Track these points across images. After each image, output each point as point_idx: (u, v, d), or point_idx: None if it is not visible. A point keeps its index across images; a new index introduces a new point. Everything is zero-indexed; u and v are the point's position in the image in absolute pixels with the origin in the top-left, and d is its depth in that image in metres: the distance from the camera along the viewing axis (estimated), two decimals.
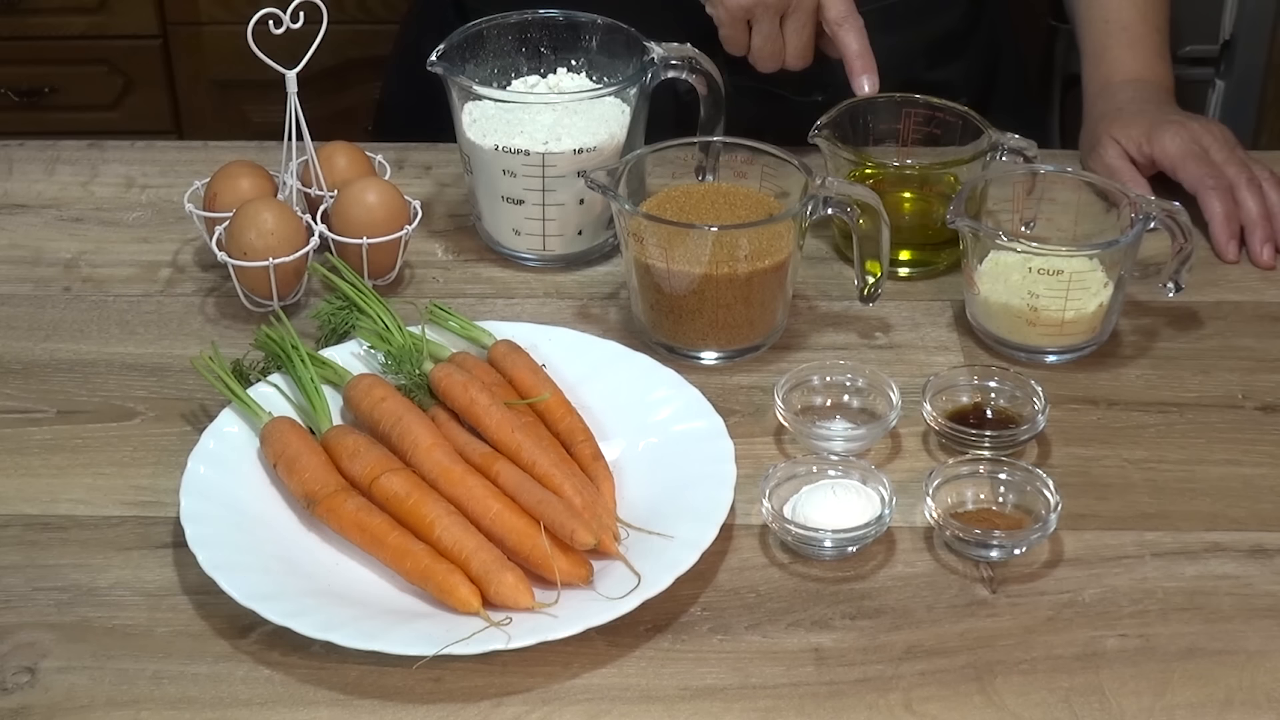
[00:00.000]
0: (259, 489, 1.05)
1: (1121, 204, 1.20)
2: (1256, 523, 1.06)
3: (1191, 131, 1.35)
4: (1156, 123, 1.35)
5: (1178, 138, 1.34)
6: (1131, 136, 1.36)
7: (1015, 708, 0.92)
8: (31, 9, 2.42)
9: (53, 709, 0.92)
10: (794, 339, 1.22)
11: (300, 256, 1.21)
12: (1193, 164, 1.33)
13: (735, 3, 1.30)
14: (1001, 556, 1.02)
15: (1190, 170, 1.32)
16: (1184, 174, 1.33)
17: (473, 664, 0.94)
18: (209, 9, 2.42)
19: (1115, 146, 1.36)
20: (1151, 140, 1.34)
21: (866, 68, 1.30)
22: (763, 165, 1.22)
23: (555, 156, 1.24)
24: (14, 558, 1.02)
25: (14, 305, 1.26)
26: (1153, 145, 1.34)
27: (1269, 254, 1.30)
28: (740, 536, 1.04)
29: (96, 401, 1.16)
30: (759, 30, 1.31)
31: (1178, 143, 1.33)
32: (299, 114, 1.26)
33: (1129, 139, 1.36)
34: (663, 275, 1.16)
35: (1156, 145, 1.34)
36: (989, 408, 1.13)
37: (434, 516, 0.99)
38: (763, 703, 0.93)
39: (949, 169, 1.27)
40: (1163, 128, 1.35)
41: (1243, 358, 1.21)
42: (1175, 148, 1.33)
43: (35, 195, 1.40)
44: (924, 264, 1.29)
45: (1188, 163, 1.33)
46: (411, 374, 1.10)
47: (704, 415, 1.09)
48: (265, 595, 0.95)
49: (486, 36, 1.31)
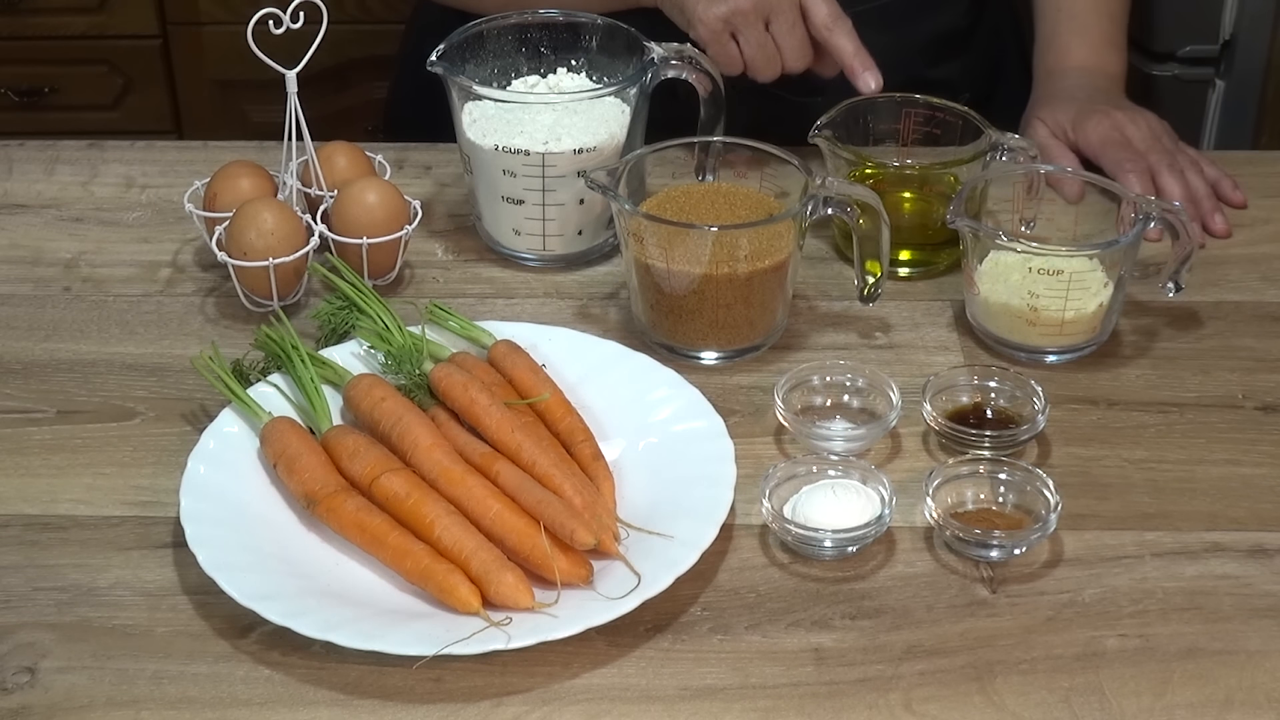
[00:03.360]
0: (259, 489, 1.05)
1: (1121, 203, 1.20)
2: (1256, 523, 1.06)
3: (1115, 120, 1.37)
4: (1083, 110, 1.38)
5: (1100, 126, 1.36)
6: (1058, 121, 1.38)
7: (1015, 708, 0.92)
8: (31, 9, 2.42)
9: (53, 709, 0.92)
10: (794, 339, 1.22)
11: (300, 256, 1.21)
12: (1112, 149, 1.35)
13: (711, 16, 1.28)
14: (1001, 556, 1.02)
15: (1109, 155, 1.34)
16: (1104, 160, 1.35)
17: (473, 664, 0.94)
18: (209, 9, 2.42)
19: (1043, 127, 1.39)
20: (1075, 127, 1.37)
21: (866, 65, 1.30)
22: (763, 165, 1.22)
23: (555, 156, 1.24)
24: (14, 558, 1.02)
25: (14, 305, 1.26)
26: (1076, 132, 1.37)
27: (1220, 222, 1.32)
28: (740, 536, 1.04)
29: (96, 401, 1.16)
30: (746, 40, 1.29)
31: (1100, 130, 1.36)
32: (299, 114, 1.26)
33: (1055, 123, 1.39)
34: (663, 275, 1.16)
35: (1079, 132, 1.37)
36: (989, 408, 1.13)
37: (434, 516, 0.99)
38: (763, 703, 0.93)
39: (949, 169, 1.27)
40: (1088, 115, 1.37)
41: (1243, 358, 1.21)
42: (1096, 135, 1.36)
43: (35, 195, 1.40)
44: (924, 264, 1.29)
45: (1107, 149, 1.35)
46: (411, 374, 1.10)
47: (704, 415, 1.09)
48: (265, 595, 0.95)
49: (486, 36, 1.31)
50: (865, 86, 1.30)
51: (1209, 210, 1.32)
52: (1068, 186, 1.28)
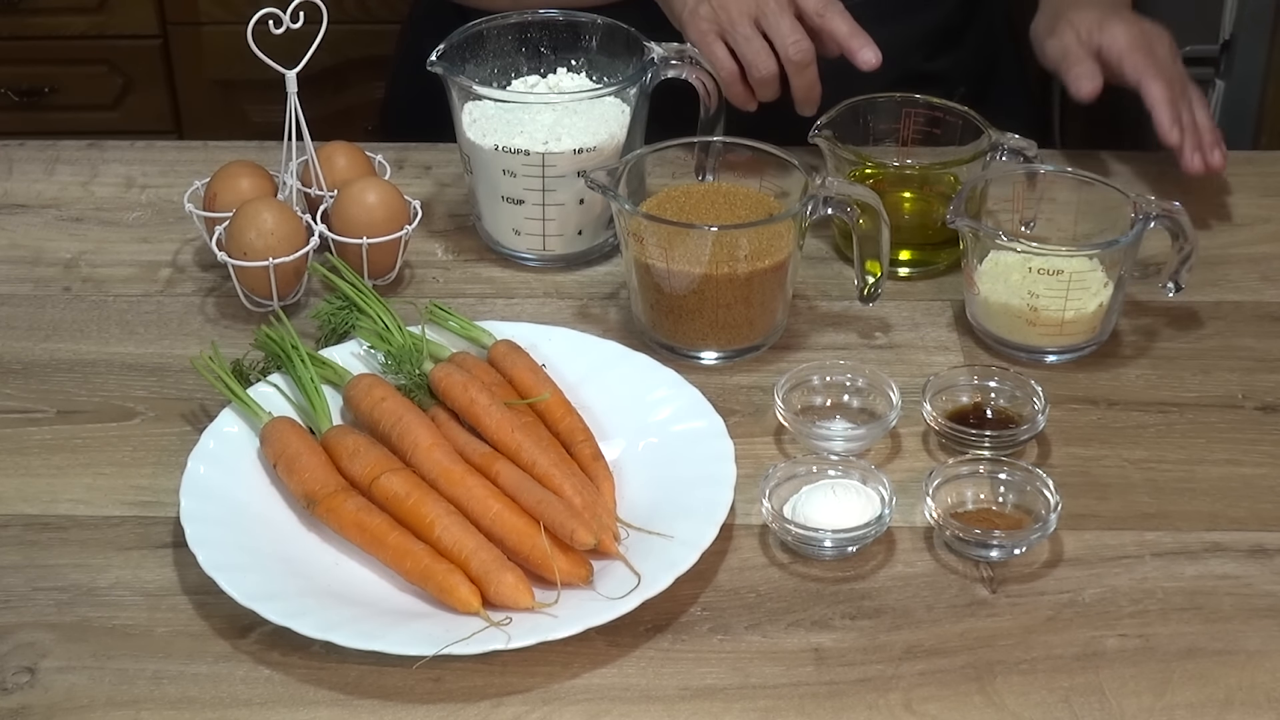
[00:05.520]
0: (259, 489, 1.05)
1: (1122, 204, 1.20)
2: (1256, 523, 1.06)
3: (1142, 28, 1.37)
4: (1108, 14, 1.38)
5: (1128, 32, 1.36)
6: (1084, 21, 1.38)
7: (1015, 708, 0.92)
8: (31, 9, 2.42)
9: (53, 709, 0.92)
10: (794, 339, 1.22)
11: (300, 256, 1.21)
12: (1139, 55, 1.35)
13: (697, 17, 1.29)
14: (1001, 556, 1.02)
15: (1136, 59, 1.34)
16: (1128, 64, 1.35)
17: (473, 664, 0.94)
18: (209, 9, 2.42)
19: (1070, 30, 1.38)
20: (1102, 28, 1.37)
21: (863, 42, 1.29)
22: (763, 165, 1.22)
23: (555, 156, 1.24)
24: (14, 558, 1.02)
25: (14, 305, 1.26)
26: (1102, 33, 1.36)
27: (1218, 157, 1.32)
28: (740, 536, 1.04)
29: (96, 401, 1.16)
30: (737, 39, 1.29)
31: (1128, 35, 1.36)
32: (299, 114, 1.26)
33: (1081, 22, 1.38)
34: (663, 275, 1.16)
35: (1106, 33, 1.36)
36: (989, 408, 1.13)
37: (434, 516, 0.99)
38: (763, 703, 0.93)
39: (949, 169, 1.27)
40: (1114, 19, 1.37)
41: (1243, 358, 1.21)
42: (1124, 39, 1.35)
43: (35, 195, 1.40)
44: (924, 264, 1.29)
45: (1134, 54, 1.35)
46: (411, 374, 1.10)
47: (704, 415, 1.09)
48: (265, 595, 0.95)
49: (486, 36, 1.31)
50: (865, 62, 1.29)
51: (1209, 144, 1.33)
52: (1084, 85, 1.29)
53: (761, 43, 1.30)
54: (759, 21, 1.29)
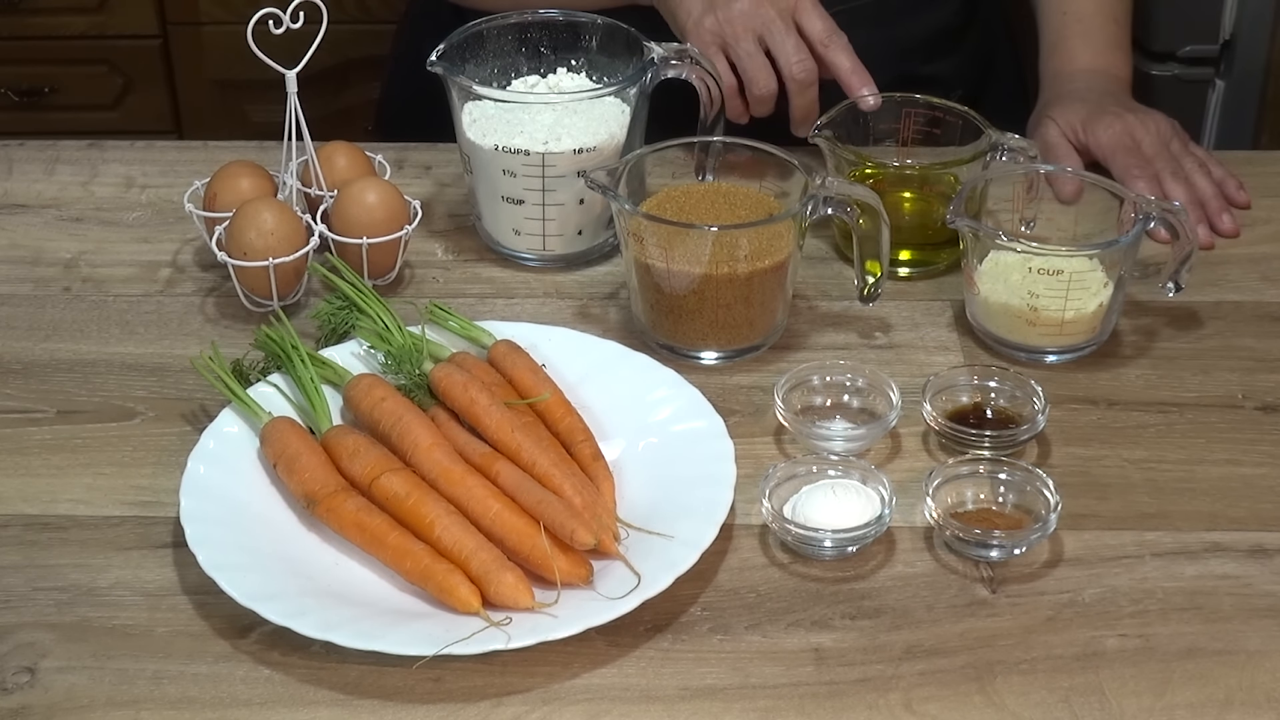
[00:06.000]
0: (259, 489, 1.05)
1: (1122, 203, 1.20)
2: (1256, 523, 1.06)
3: (1126, 124, 1.36)
4: (1095, 112, 1.37)
5: (1112, 128, 1.35)
6: (1070, 121, 1.38)
7: (1015, 708, 0.92)
8: (31, 9, 2.42)
9: (53, 709, 0.92)
10: (794, 339, 1.22)
11: (300, 256, 1.21)
12: (1122, 155, 1.34)
13: (702, 29, 1.29)
14: (1001, 556, 1.02)
15: (1119, 161, 1.34)
16: (1113, 164, 1.35)
17: (473, 664, 0.94)
18: (209, 9, 2.42)
19: (1055, 126, 1.38)
20: (1087, 128, 1.37)
21: (864, 81, 1.30)
22: (763, 165, 1.22)
23: (555, 156, 1.24)
24: (14, 558, 1.02)
25: (14, 305, 1.26)
26: (1088, 134, 1.36)
27: (1204, 234, 1.30)
28: (740, 536, 1.04)
29: (96, 401, 1.16)
30: (740, 54, 1.30)
31: (1111, 133, 1.35)
32: (299, 114, 1.26)
33: (1067, 123, 1.38)
34: (663, 275, 1.16)
35: (1090, 134, 1.36)
36: (989, 408, 1.13)
37: (434, 516, 0.99)
38: (763, 703, 0.93)
39: (949, 169, 1.27)
40: (1100, 117, 1.37)
41: (1243, 358, 1.21)
42: (1108, 138, 1.35)
43: (35, 195, 1.40)
44: (924, 264, 1.29)
45: (1118, 154, 1.35)
46: (411, 374, 1.10)
47: (704, 415, 1.09)
48: (265, 595, 0.95)
49: (486, 36, 1.31)
50: (866, 104, 1.30)
51: (1216, 211, 1.32)
52: (1065, 186, 1.28)
53: (764, 60, 1.30)
54: (763, 39, 1.30)
